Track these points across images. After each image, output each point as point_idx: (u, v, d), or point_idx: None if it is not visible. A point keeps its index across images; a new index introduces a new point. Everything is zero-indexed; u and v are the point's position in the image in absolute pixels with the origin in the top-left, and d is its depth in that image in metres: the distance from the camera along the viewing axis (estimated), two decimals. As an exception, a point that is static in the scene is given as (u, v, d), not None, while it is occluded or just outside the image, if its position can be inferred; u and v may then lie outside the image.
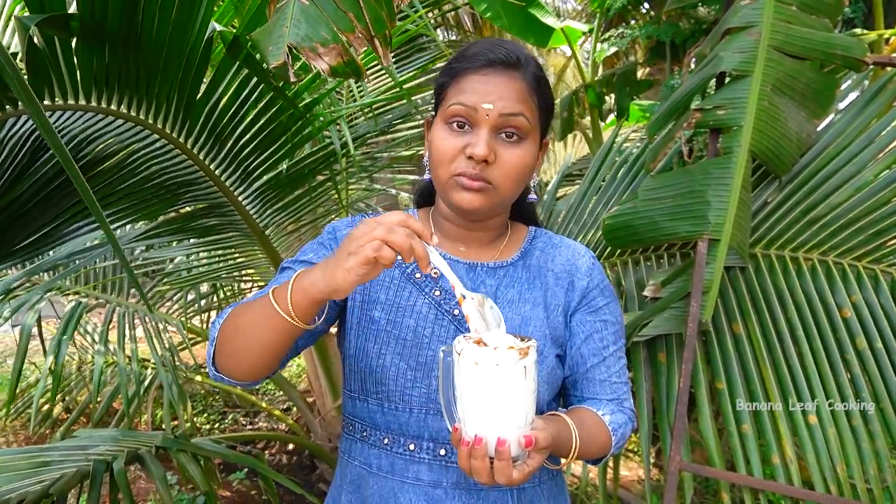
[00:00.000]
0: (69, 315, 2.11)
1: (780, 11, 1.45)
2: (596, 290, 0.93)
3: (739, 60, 1.46)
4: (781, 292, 1.53)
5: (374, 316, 0.89)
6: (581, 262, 0.94)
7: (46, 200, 1.37)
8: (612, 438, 0.88)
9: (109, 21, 1.04)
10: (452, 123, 0.84)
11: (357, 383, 0.90)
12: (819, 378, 1.44)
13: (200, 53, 1.20)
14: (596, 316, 0.93)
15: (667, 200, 1.52)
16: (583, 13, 6.32)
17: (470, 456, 0.68)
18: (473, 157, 0.80)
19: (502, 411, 0.68)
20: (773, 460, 1.41)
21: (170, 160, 1.52)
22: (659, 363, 1.57)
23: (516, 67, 0.84)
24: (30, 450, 1.52)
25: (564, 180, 3.01)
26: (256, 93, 1.44)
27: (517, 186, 0.86)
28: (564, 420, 0.80)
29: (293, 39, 0.93)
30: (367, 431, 0.90)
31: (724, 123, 1.48)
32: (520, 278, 0.92)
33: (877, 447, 1.37)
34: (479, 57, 0.84)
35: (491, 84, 0.82)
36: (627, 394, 0.94)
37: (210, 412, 3.61)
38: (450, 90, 0.85)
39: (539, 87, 0.86)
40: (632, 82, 3.32)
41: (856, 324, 1.46)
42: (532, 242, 0.97)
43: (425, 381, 0.85)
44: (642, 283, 1.69)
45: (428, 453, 0.86)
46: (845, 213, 1.54)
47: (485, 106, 0.81)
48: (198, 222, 1.81)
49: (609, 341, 0.93)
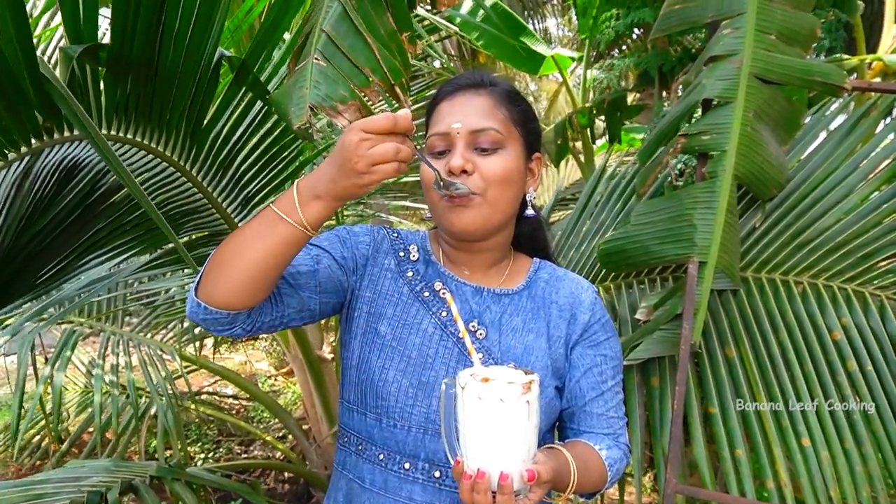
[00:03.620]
0: (62, 344, 2.11)
1: (759, 40, 1.49)
2: (597, 324, 0.94)
3: (722, 87, 1.49)
4: (773, 315, 1.54)
5: (380, 329, 0.89)
6: (584, 296, 0.95)
7: (67, 233, 1.37)
8: (607, 473, 0.89)
9: (136, 49, 1.06)
10: (434, 153, 0.88)
11: (357, 395, 0.90)
12: (811, 400, 1.45)
13: (209, 79, 1.23)
14: (596, 350, 0.94)
15: (656, 224, 1.55)
16: (574, 40, 6.43)
17: (472, 490, 0.68)
18: (451, 169, 0.83)
19: (505, 445, 0.69)
20: (767, 485, 1.41)
21: (176, 188, 1.54)
22: (652, 388, 1.58)
23: (479, 86, 0.89)
24: (23, 482, 1.50)
25: (558, 205, 3.04)
26: (257, 120, 1.47)
27: (505, 192, 0.87)
28: (563, 454, 0.80)
29: (314, 100, 0.98)
30: (363, 445, 0.90)
31: (709, 148, 1.51)
32: (524, 308, 0.93)
33: (870, 470, 1.37)
34: (447, 87, 0.90)
35: (457, 106, 0.87)
36: (623, 429, 0.95)
37: (204, 441, 3.57)
38: (429, 126, 0.91)
39: (509, 99, 0.90)
40: (622, 108, 3.38)
41: (846, 347, 1.47)
42: (537, 273, 0.98)
43: (426, 400, 0.85)
44: (635, 306, 1.70)
45: (423, 474, 0.86)
46: (834, 237, 1.56)
47: (454, 126, 0.85)
48: (197, 252, 1.82)
49: (608, 376, 0.93)
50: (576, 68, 5.11)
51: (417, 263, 0.95)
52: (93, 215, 1.40)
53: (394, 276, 0.93)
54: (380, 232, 0.98)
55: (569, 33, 7.53)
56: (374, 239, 0.96)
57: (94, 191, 1.37)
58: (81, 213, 1.36)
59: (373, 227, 0.98)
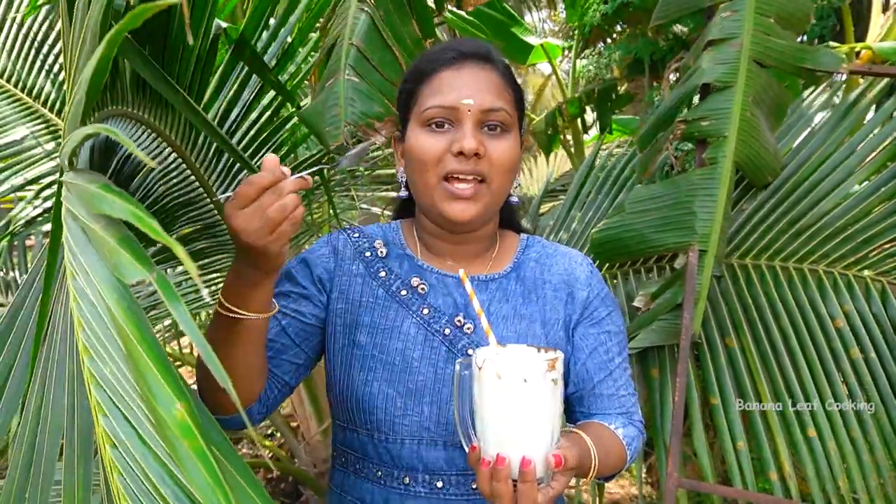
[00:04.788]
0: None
1: (759, 23, 1.46)
2: (597, 300, 0.89)
3: (722, 72, 1.46)
4: (774, 303, 1.52)
5: (359, 340, 0.83)
6: (579, 271, 0.89)
7: None
8: (626, 453, 0.84)
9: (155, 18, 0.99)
10: (431, 125, 0.79)
11: (345, 413, 0.85)
12: (816, 390, 1.43)
13: (207, 52, 1.15)
14: (599, 328, 0.88)
15: (654, 212, 1.51)
16: (559, 33, 6.41)
17: (491, 478, 0.63)
18: (464, 151, 0.76)
19: (528, 428, 0.64)
20: (770, 476, 1.39)
21: (176, 177, 1.47)
22: (652, 379, 1.55)
23: (488, 60, 0.82)
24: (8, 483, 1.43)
25: (547, 196, 3.01)
26: (249, 101, 1.41)
27: (508, 182, 0.82)
28: (581, 437, 0.74)
29: (350, 118, 0.95)
30: (360, 464, 0.84)
31: (709, 134, 1.48)
32: (514, 292, 0.87)
33: (877, 458, 1.35)
34: (448, 52, 0.81)
35: (467, 78, 0.79)
36: (635, 405, 0.90)
37: (190, 440, 3.50)
38: (422, 93, 0.81)
39: (511, 78, 0.84)
40: (612, 98, 3.35)
41: (849, 334, 1.45)
42: (525, 252, 0.91)
43: (416, 408, 0.80)
44: (632, 295, 1.67)
45: (424, 486, 0.81)
46: (833, 222, 1.54)
47: (465, 102, 0.77)
48: (189, 247, 1.76)
49: (614, 353, 0.88)
50: (563, 61, 5.08)
51: (389, 260, 0.88)
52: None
53: (365, 281, 0.86)
54: (338, 238, 0.90)
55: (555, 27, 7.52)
56: (335, 248, 0.89)
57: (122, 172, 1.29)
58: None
59: (330, 236, 0.91)
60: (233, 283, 0.69)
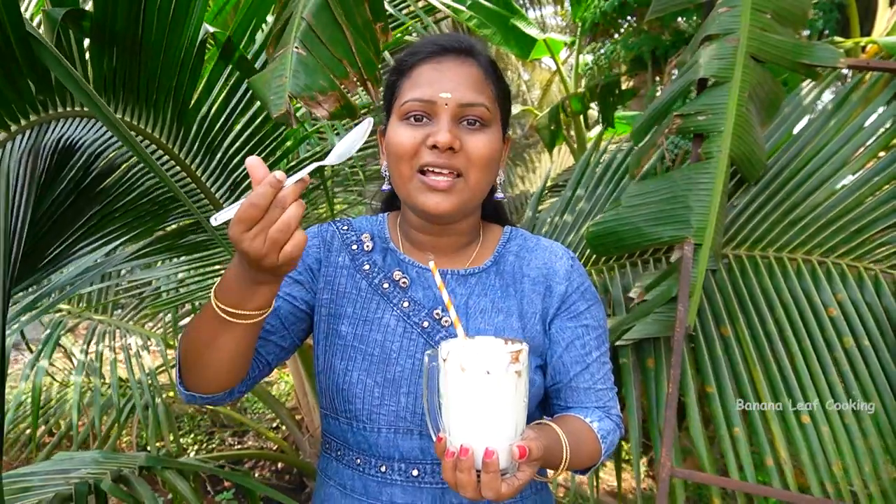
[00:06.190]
0: (48, 334, 2.07)
1: (756, 19, 1.47)
2: (576, 293, 0.88)
3: (718, 67, 1.47)
4: (768, 293, 1.53)
5: (341, 330, 0.85)
6: (559, 264, 0.89)
7: (63, 219, 1.32)
8: (601, 446, 0.84)
9: (119, 20, 1.01)
10: (409, 118, 0.79)
11: (327, 400, 0.87)
12: (810, 377, 1.44)
13: (194, 57, 1.18)
14: (577, 321, 0.88)
15: (650, 206, 1.53)
16: (566, 29, 6.40)
17: (455, 468, 0.64)
18: (437, 145, 0.76)
19: (491, 420, 0.64)
20: (767, 463, 1.40)
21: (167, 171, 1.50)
22: (647, 369, 1.57)
23: (469, 54, 0.82)
24: (9, 475, 1.47)
25: (549, 191, 3.02)
26: (244, 101, 1.44)
27: (487, 176, 0.81)
28: (553, 429, 0.75)
29: (293, 89, 0.95)
30: (342, 451, 0.87)
31: (705, 129, 1.49)
32: (493, 286, 0.87)
33: (870, 444, 1.37)
34: (429, 46, 0.81)
35: (445, 72, 0.79)
36: (614, 400, 0.90)
37: (197, 432, 3.54)
38: (403, 87, 0.82)
39: (494, 73, 0.84)
40: (615, 93, 3.35)
41: (842, 322, 1.47)
42: (506, 245, 0.91)
43: (394, 398, 0.81)
44: (629, 288, 1.69)
45: (400, 475, 0.82)
46: (826, 212, 1.55)
47: (442, 96, 0.77)
48: (186, 239, 1.79)
49: (592, 347, 0.88)
50: (568, 57, 5.08)
51: (373, 254, 0.89)
52: (86, 200, 1.35)
53: (350, 273, 0.88)
54: (328, 230, 0.91)
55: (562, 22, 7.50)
56: (324, 239, 0.90)
57: (87, 175, 1.32)
58: (76, 198, 1.31)
59: (321, 227, 0.92)
60: (233, 283, 0.68)
